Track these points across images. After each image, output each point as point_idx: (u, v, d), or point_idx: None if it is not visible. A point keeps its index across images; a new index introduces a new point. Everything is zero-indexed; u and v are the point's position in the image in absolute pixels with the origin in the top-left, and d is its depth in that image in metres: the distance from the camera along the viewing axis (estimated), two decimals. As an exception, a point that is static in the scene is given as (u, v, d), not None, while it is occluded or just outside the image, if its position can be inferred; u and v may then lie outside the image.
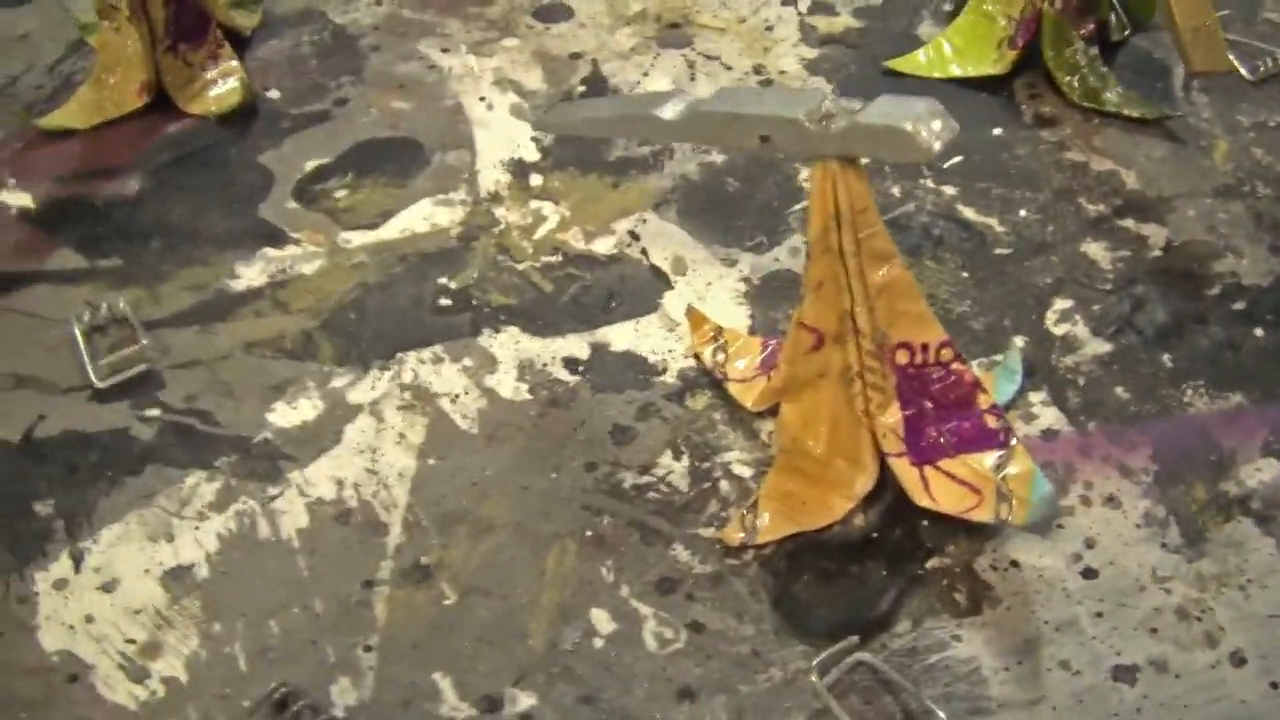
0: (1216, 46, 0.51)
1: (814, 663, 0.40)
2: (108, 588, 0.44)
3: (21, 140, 0.56)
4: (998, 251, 0.51)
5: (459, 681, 0.41)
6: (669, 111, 0.38)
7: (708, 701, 0.40)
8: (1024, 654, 0.41)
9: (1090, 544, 0.41)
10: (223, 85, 0.56)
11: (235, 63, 0.58)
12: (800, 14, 0.62)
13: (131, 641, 0.43)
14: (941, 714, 0.40)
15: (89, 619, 0.43)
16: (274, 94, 0.57)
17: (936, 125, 0.34)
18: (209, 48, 0.56)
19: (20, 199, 0.53)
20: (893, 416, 0.40)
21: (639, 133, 0.41)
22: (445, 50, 0.60)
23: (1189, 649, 0.41)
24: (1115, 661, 0.41)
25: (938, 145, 0.34)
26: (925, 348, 0.40)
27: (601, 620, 0.42)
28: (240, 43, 0.61)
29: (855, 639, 0.41)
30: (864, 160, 0.40)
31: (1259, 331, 0.49)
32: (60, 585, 0.44)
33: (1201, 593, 0.42)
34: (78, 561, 0.45)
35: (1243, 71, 0.60)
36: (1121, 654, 0.41)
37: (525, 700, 0.41)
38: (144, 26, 0.54)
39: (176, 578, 0.44)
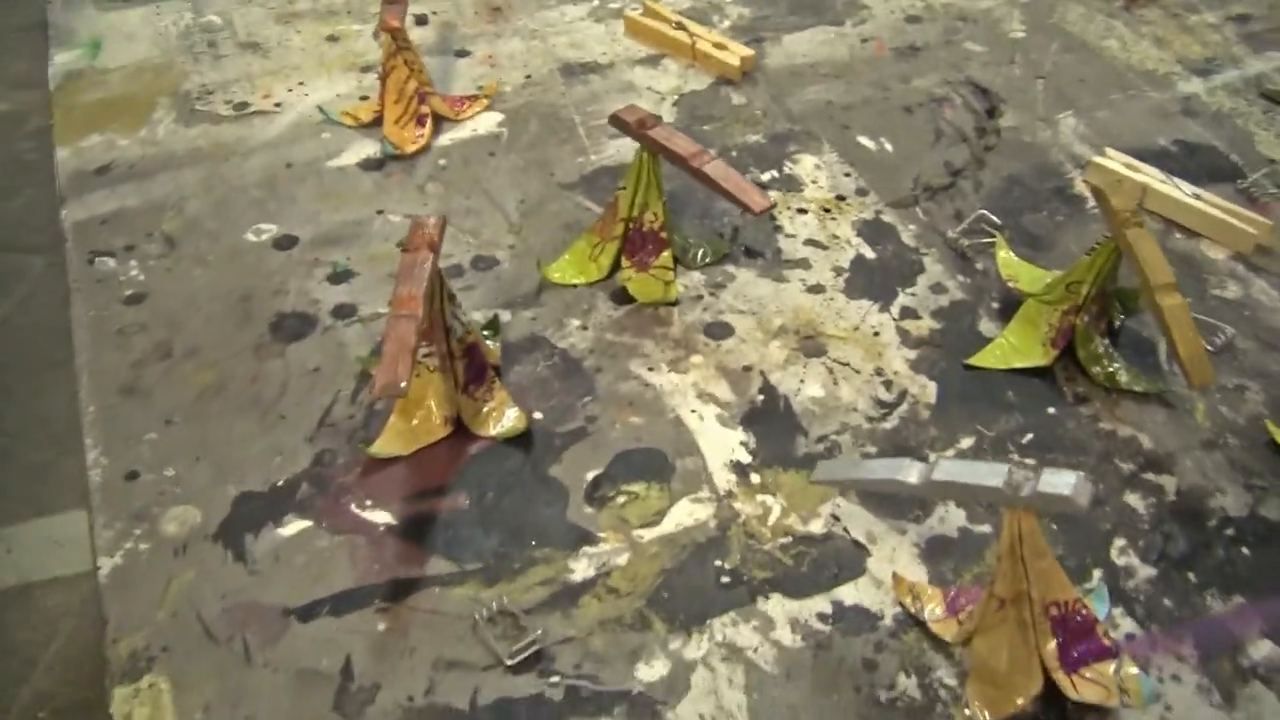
0: (1207, 366, 0.73)
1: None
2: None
3: (359, 465, 0.74)
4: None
5: None
6: (913, 477, 0.58)
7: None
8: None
9: (1169, 708, 0.62)
10: (507, 414, 0.74)
11: (506, 393, 0.76)
12: (895, 319, 0.83)
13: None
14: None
15: None
16: (538, 415, 0.76)
17: (1085, 490, 0.55)
18: (488, 386, 0.75)
19: (384, 517, 0.71)
20: (1050, 646, 0.60)
21: (894, 491, 0.61)
22: (650, 369, 0.79)
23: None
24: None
25: (1085, 502, 0.55)
26: (1067, 604, 0.61)
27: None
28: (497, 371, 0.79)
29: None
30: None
31: (1245, 550, 0.70)
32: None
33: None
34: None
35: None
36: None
37: None
38: (451, 377, 0.73)
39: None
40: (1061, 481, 0.57)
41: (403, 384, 0.63)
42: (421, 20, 1.09)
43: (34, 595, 0.96)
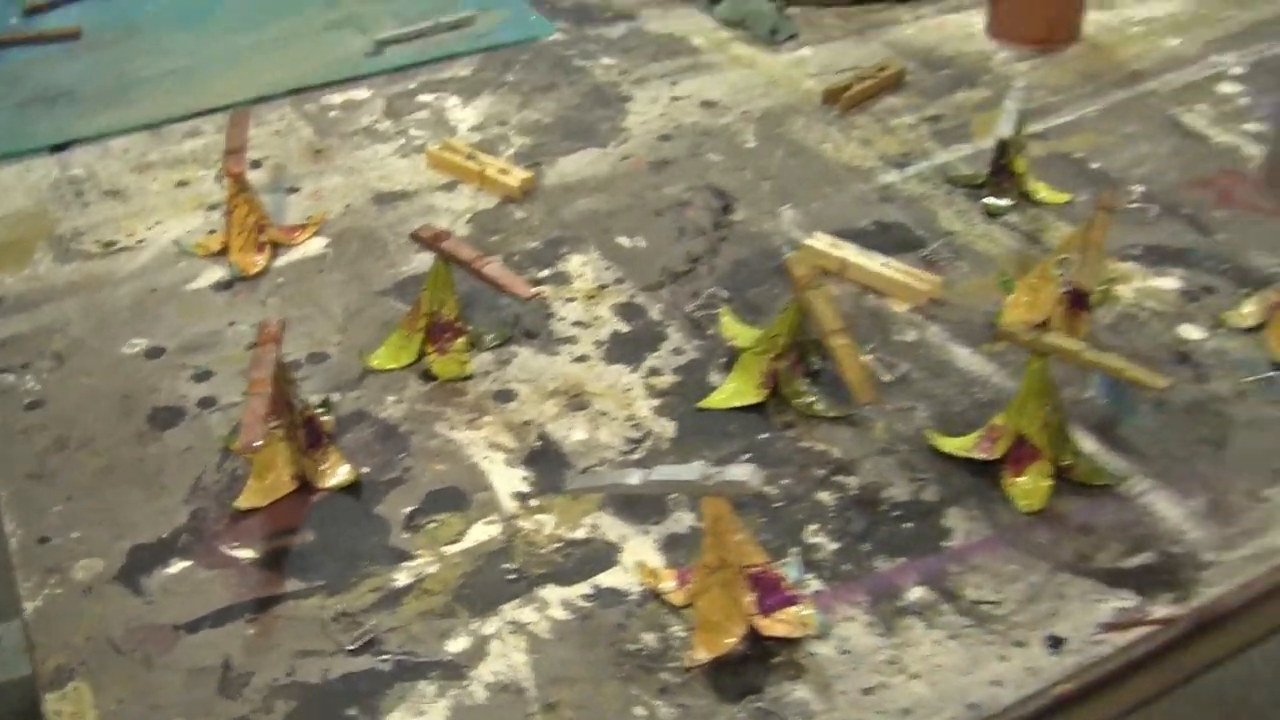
0: (869, 388, 0.94)
1: None
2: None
3: (227, 517, 0.92)
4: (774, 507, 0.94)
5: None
6: (634, 479, 0.78)
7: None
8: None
9: (846, 639, 0.82)
10: (340, 471, 0.92)
11: (339, 454, 0.95)
12: (643, 378, 1.03)
13: None
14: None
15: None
16: (365, 469, 0.95)
17: (756, 476, 0.75)
18: (324, 449, 0.94)
19: (248, 553, 0.87)
20: (747, 599, 0.81)
21: (624, 491, 0.81)
22: (452, 429, 0.98)
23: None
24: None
25: (756, 484, 0.75)
26: (759, 567, 0.81)
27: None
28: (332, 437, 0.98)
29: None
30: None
31: (908, 525, 0.92)
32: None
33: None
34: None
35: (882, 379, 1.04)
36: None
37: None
38: (295, 443, 0.92)
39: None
40: (739, 471, 0.78)
41: (257, 444, 0.82)
42: (256, 164, 1.27)
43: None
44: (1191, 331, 1.02)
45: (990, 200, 1.19)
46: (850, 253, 1.11)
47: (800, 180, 1.24)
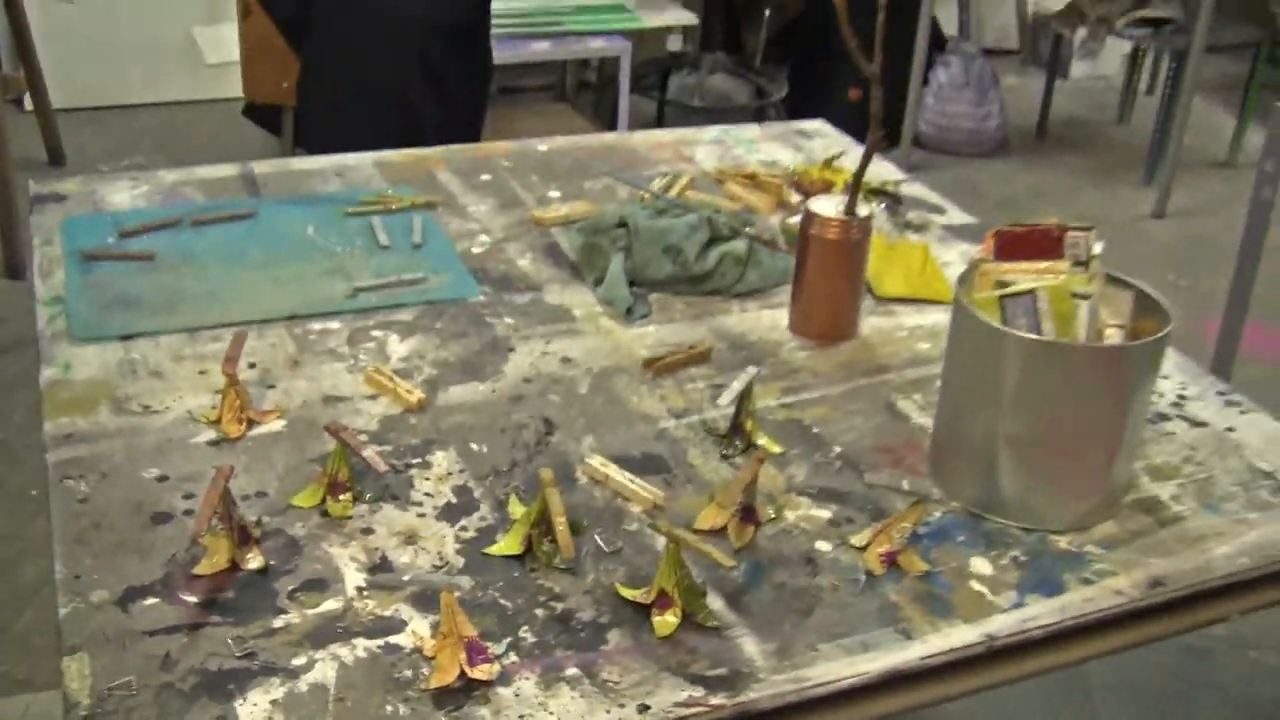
0: (577, 546, 1.52)
1: None
2: None
3: (183, 580, 1.49)
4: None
5: None
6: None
7: None
8: None
9: None
10: (256, 560, 1.40)
11: (258, 550, 1.53)
12: (456, 532, 1.64)
13: None
14: None
15: None
16: (272, 561, 1.55)
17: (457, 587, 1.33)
18: (250, 546, 1.52)
19: (194, 599, 1.39)
20: (463, 655, 1.40)
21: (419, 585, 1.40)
22: (330, 546, 1.60)
23: None
24: None
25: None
26: (470, 636, 1.41)
27: None
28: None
29: None
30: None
31: None
32: None
33: None
34: None
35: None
36: None
37: None
38: (231, 539, 1.51)
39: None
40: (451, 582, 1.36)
41: (201, 531, 1.39)
42: (251, 365, 1.65)
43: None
44: (824, 545, 1.42)
45: (724, 450, 1.76)
46: (613, 470, 1.70)
47: (605, 420, 1.75)
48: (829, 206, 1.78)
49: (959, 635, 1.34)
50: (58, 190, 2.13)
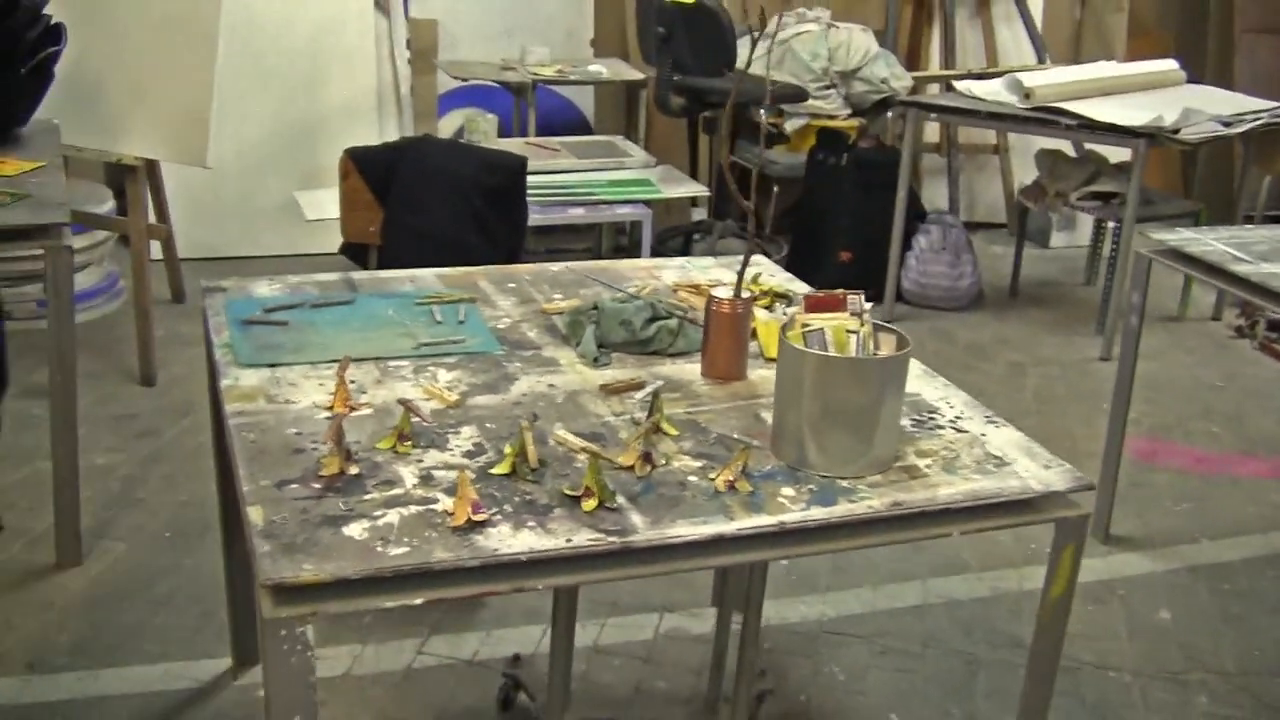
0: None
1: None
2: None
3: (315, 481, 2.56)
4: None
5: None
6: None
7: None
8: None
9: None
10: (353, 468, 2.59)
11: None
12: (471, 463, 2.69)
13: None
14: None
15: None
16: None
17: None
18: (350, 461, 2.60)
19: (316, 485, 2.53)
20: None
21: None
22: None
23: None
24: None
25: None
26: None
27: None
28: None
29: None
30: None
31: None
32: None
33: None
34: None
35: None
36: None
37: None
38: (341, 455, 2.58)
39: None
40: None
41: (328, 440, 2.48)
42: (352, 381, 2.98)
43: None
44: (693, 478, 2.17)
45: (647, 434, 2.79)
46: (571, 437, 2.72)
47: (570, 415, 2.39)
48: (724, 293, 2.80)
49: (763, 520, 2.02)
50: (221, 284, 3.22)
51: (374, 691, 3.10)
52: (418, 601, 1.87)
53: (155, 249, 5.61)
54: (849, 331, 2.56)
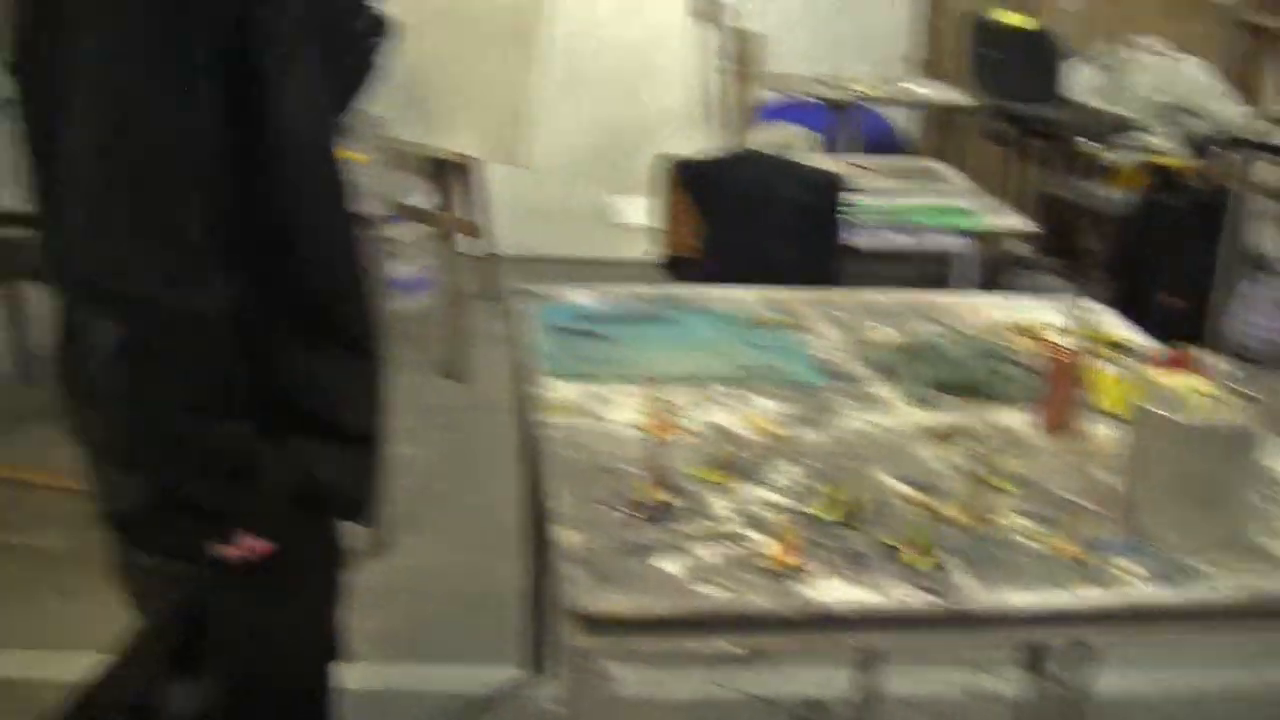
0: None
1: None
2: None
3: (626, 507, 2.51)
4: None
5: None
6: None
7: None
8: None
9: None
10: (665, 496, 2.52)
11: None
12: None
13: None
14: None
15: None
16: None
17: None
18: (662, 488, 2.52)
19: (627, 510, 2.46)
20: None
21: None
22: None
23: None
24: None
25: None
26: None
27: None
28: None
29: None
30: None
31: None
32: None
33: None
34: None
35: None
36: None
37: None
38: (654, 482, 2.50)
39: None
40: None
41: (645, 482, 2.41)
42: (668, 401, 2.91)
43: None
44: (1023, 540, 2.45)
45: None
46: (898, 483, 2.59)
47: (892, 456, 2.74)
48: (1062, 339, 2.62)
49: (1107, 597, 1.90)
50: (531, 288, 3.20)
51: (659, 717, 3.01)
52: (733, 650, 1.80)
53: (472, 246, 5.59)
54: (1203, 395, 2.34)
